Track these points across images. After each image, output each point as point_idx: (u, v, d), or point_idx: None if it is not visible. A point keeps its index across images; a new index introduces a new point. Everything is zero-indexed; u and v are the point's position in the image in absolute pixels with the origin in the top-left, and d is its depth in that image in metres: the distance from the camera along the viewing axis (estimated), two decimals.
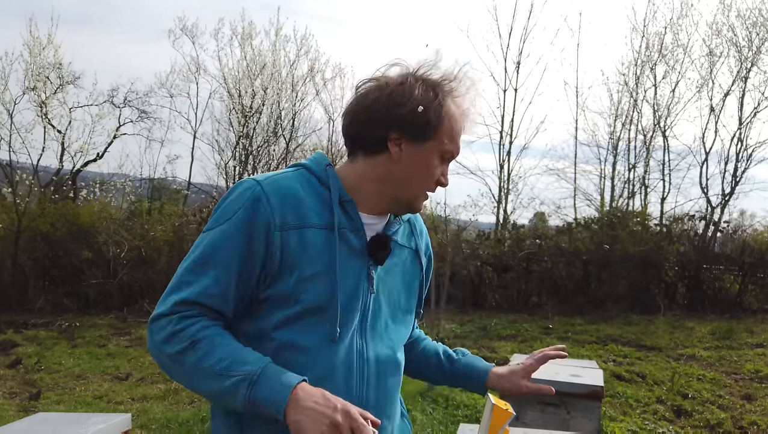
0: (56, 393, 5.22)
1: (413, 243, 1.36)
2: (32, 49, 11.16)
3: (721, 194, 12.02)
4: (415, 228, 1.38)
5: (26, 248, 9.74)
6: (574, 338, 7.90)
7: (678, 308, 10.27)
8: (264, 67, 13.18)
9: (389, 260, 1.27)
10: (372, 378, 1.21)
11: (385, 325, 1.27)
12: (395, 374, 1.29)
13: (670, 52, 12.98)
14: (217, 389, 1.08)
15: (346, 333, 1.18)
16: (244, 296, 1.17)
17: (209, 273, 1.14)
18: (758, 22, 11.97)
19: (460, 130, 1.26)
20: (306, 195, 1.19)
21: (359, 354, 1.20)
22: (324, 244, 1.17)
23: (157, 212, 12.76)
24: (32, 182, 10.66)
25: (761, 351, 7.26)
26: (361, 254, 1.22)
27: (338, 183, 1.23)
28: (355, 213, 1.22)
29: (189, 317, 1.12)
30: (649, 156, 13.11)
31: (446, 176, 1.28)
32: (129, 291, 9.65)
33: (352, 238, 1.21)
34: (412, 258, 1.36)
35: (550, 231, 11.85)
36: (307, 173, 1.23)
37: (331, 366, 1.16)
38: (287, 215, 1.16)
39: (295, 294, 1.15)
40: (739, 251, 10.67)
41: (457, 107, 1.25)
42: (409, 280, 1.34)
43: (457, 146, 1.26)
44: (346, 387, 1.17)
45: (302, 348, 1.15)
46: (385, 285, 1.27)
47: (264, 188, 1.17)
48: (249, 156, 13.16)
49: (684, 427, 4.64)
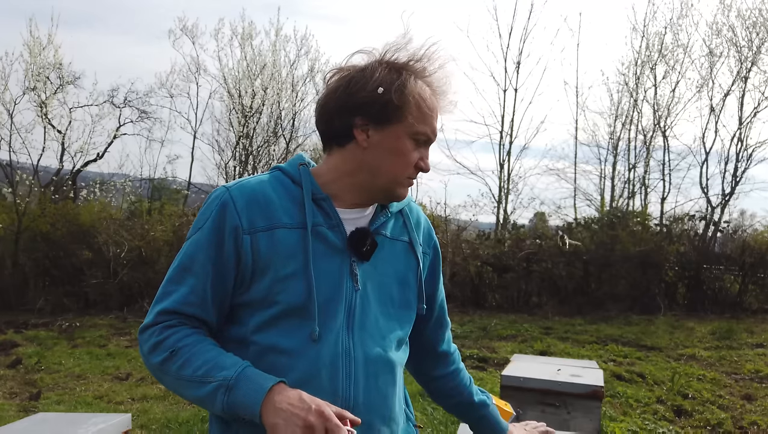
0: (56, 393, 5.22)
1: (405, 235, 1.31)
2: (32, 50, 11.18)
3: (721, 194, 12.03)
4: (408, 220, 1.32)
5: (26, 248, 9.74)
6: (574, 338, 7.90)
7: (678, 308, 10.27)
8: (264, 68, 13.19)
9: (377, 255, 1.23)
10: (360, 378, 1.17)
11: (375, 322, 1.22)
12: (388, 372, 1.23)
13: (670, 52, 13.00)
14: (199, 395, 1.10)
15: (328, 331, 1.16)
16: (223, 302, 1.18)
17: (187, 282, 1.17)
18: (758, 22, 11.98)
19: (432, 109, 1.21)
20: (277, 196, 1.19)
21: (345, 352, 1.16)
22: (296, 243, 1.16)
23: (157, 212, 12.76)
24: (32, 182, 10.67)
25: (761, 351, 7.26)
26: (341, 251, 1.20)
27: (310, 180, 1.21)
28: (331, 209, 1.20)
29: (170, 327, 1.15)
30: (649, 156, 13.13)
31: (426, 161, 1.23)
32: (129, 291, 9.64)
33: (330, 235, 1.19)
34: (405, 251, 1.30)
35: (550, 231, 11.85)
36: (281, 174, 1.23)
37: (314, 367, 1.14)
38: (255, 218, 1.16)
39: (270, 296, 1.15)
40: (740, 251, 10.67)
41: (427, 86, 1.21)
42: (403, 274, 1.28)
43: (430, 127, 1.21)
44: (332, 387, 1.14)
45: (283, 349, 1.14)
46: (374, 281, 1.23)
47: (231, 193, 1.18)
48: (249, 156, 13.17)
49: (684, 427, 4.64)
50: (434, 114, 1.22)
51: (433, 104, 1.21)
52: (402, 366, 1.30)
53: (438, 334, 1.45)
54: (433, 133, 1.22)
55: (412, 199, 1.38)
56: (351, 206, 1.23)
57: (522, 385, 2.94)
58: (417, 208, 1.38)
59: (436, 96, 1.22)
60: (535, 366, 3.32)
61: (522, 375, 2.99)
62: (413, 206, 1.37)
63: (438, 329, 1.44)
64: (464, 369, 1.50)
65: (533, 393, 2.92)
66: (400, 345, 1.29)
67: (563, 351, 7.01)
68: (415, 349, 1.40)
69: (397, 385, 1.26)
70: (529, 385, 2.94)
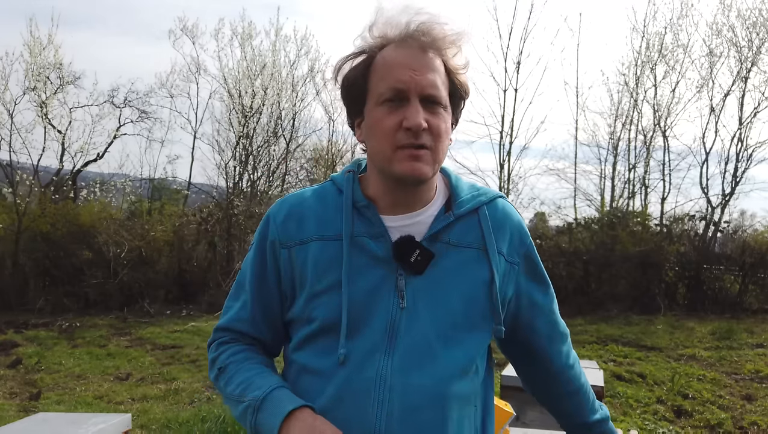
0: (56, 393, 5.22)
1: (479, 241, 1.11)
2: (32, 50, 11.18)
3: (722, 194, 12.01)
4: (484, 221, 1.12)
5: (26, 249, 9.74)
6: (575, 338, 7.87)
7: (678, 308, 10.26)
8: (264, 68, 13.18)
9: (436, 266, 1.07)
10: (396, 409, 1.01)
11: (427, 346, 1.05)
12: (436, 407, 1.03)
13: (670, 53, 12.98)
14: (236, 414, 1.09)
15: (357, 354, 1.04)
16: (274, 318, 1.15)
17: (240, 298, 1.16)
18: (758, 23, 11.97)
19: (392, 61, 1.05)
20: (318, 207, 1.11)
21: (381, 379, 1.02)
22: (333, 256, 1.07)
23: (157, 212, 12.76)
24: (32, 182, 10.66)
25: (761, 351, 7.26)
26: (386, 263, 1.07)
27: (351, 187, 1.10)
28: (374, 217, 1.08)
29: (224, 343, 1.16)
30: (650, 156, 13.10)
31: (409, 117, 1.02)
32: (129, 291, 9.64)
33: (373, 245, 1.07)
34: (477, 260, 1.10)
35: (550, 231, 11.85)
36: (330, 184, 1.15)
37: (341, 392, 1.03)
38: (291, 232, 1.11)
39: (306, 312, 1.09)
40: (740, 251, 10.67)
41: (385, 43, 1.07)
42: (470, 289, 1.08)
43: (394, 78, 1.03)
44: (360, 417, 1.01)
45: (315, 370, 1.07)
46: (429, 297, 1.06)
47: (275, 207, 1.15)
48: (249, 156, 13.16)
49: (684, 427, 4.64)
50: (397, 63, 1.04)
51: (393, 56, 1.05)
52: (469, 401, 1.10)
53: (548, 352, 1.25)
54: (400, 82, 1.03)
55: (502, 195, 1.20)
56: (394, 212, 1.10)
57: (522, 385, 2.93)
58: (504, 205, 1.18)
59: (399, 39, 1.06)
60: None
61: None
62: (499, 204, 1.17)
63: (548, 345, 1.25)
64: (586, 388, 1.33)
65: None
66: (465, 374, 1.08)
67: None
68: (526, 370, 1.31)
69: (452, 422, 1.05)
70: None
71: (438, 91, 1.05)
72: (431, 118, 1.04)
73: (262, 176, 13.38)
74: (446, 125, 1.07)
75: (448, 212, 1.11)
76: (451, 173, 1.19)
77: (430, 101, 1.04)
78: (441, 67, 1.07)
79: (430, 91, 1.04)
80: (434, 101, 1.04)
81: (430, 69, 1.04)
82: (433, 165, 1.06)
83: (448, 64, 1.08)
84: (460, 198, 1.13)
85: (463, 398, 1.07)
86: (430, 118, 1.04)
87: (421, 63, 1.04)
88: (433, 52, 1.06)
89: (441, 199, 1.14)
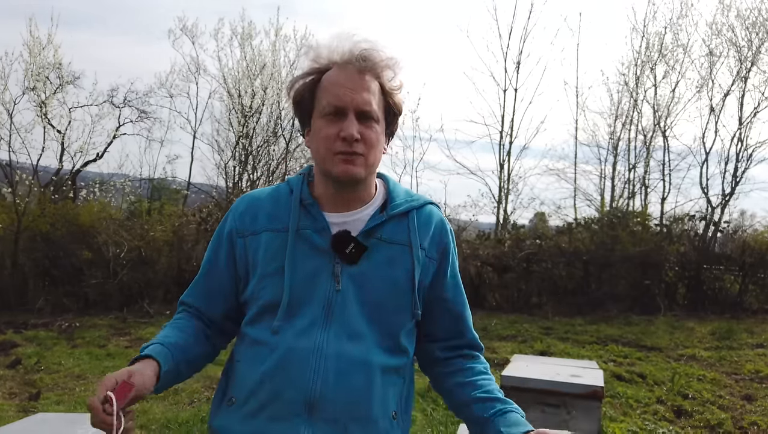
0: (56, 394, 5.22)
1: (406, 238, 1.30)
2: (32, 49, 11.15)
3: (722, 194, 12.01)
4: (412, 223, 1.31)
5: (26, 249, 9.72)
6: (574, 338, 7.89)
7: (678, 308, 10.26)
8: (264, 68, 13.17)
9: (369, 258, 1.26)
10: (331, 375, 1.20)
11: (357, 323, 1.24)
12: (364, 373, 1.22)
13: (670, 52, 12.99)
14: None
15: (299, 327, 1.23)
16: (226, 296, 1.35)
17: (197, 277, 1.39)
18: (758, 22, 11.98)
19: (335, 81, 1.25)
20: (271, 204, 1.32)
21: (318, 349, 1.21)
22: (280, 245, 1.27)
23: (156, 212, 12.75)
24: (32, 182, 10.65)
25: (761, 351, 7.26)
26: (326, 253, 1.26)
27: (300, 188, 1.32)
28: (317, 213, 1.29)
29: (179, 312, 1.41)
30: (649, 156, 13.12)
31: (345, 129, 1.22)
32: (129, 292, 9.64)
33: (316, 237, 1.27)
34: (403, 254, 1.29)
35: (550, 231, 11.85)
36: (285, 185, 1.36)
37: (284, 359, 1.21)
38: (246, 224, 1.32)
39: (255, 293, 1.29)
40: (740, 251, 10.67)
41: (330, 65, 1.28)
42: (395, 278, 1.27)
43: (332, 96, 1.24)
44: (300, 380, 1.20)
45: (261, 341, 1.25)
46: (360, 284, 1.25)
47: (236, 203, 1.37)
48: (249, 156, 13.15)
49: (684, 428, 4.64)
50: (338, 83, 1.25)
51: (335, 77, 1.26)
52: (391, 372, 1.28)
53: (441, 332, 1.39)
54: (339, 99, 1.23)
55: (432, 200, 1.39)
56: (335, 210, 1.30)
57: (522, 385, 2.94)
58: (432, 210, 1.37)
59: (342, 63, 1.26)
60: (535, 366, 3.32)
61: (522, 375, 2.99)
62: (427, 209, 1.36)
63: (444, 326, 1.38)
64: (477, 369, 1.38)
65: (533, 393, 2.92)
66: (389, 350, 1.28)
67: (563, 351, 7.00)
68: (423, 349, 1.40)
69: (376, 387, 1.24)
70: (529, 385, 2.94)
71: (371, 107, 1.25)
72: (365, 130, 1.24)
73: (262, 176, 13.37)
74: (377, 136, 1.27)
75: (382, 213, 1.31)
76: (389, 179, 1.40)
77: (364, 116, 1.24)
78: (377, 87, 1.27)
79: (364, 108, 1.24)
80: (368, 116, 1.25)
81: (365, 89, 1.25)
82: (365, 168, 1.26)
83: (384, 85, 1.29)
84: (394, 201, 1.33)
85: (387, 368, 1.27)
86: (364, 130, 1.24)
87: (357, 84, 1.24)
88: (370, 75, 1.26)
89: (379, 201, 1.34)
